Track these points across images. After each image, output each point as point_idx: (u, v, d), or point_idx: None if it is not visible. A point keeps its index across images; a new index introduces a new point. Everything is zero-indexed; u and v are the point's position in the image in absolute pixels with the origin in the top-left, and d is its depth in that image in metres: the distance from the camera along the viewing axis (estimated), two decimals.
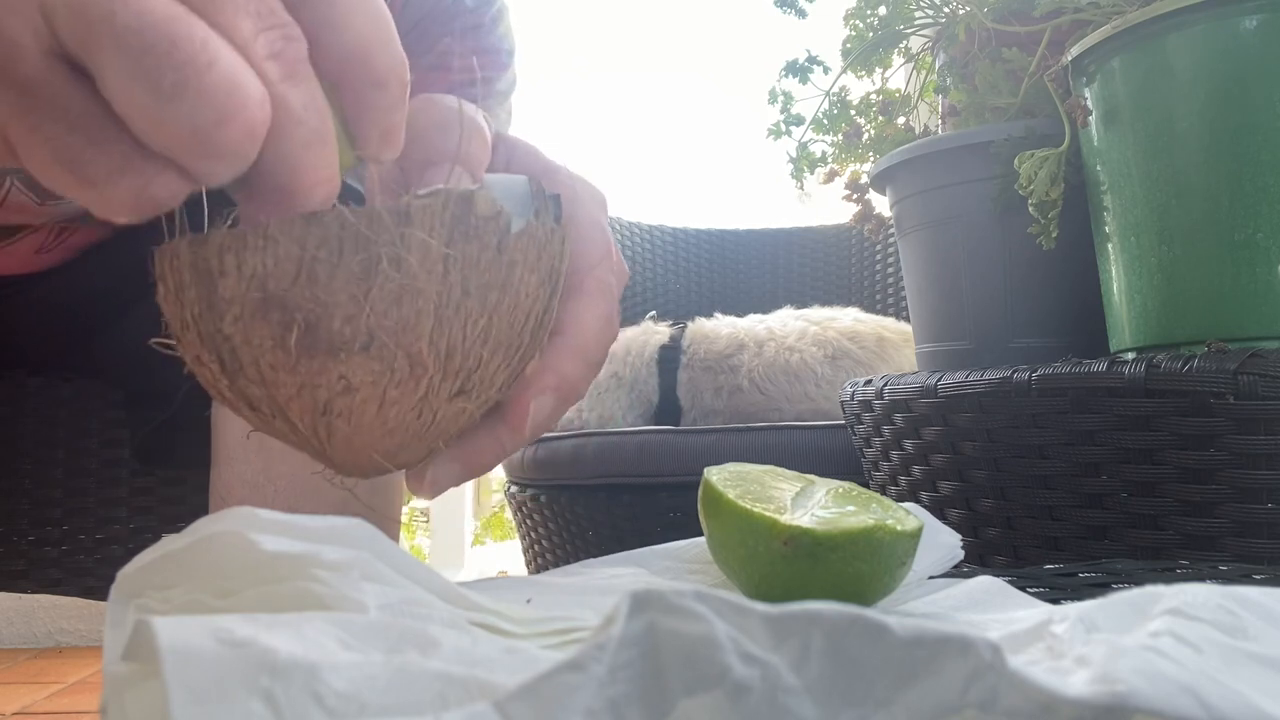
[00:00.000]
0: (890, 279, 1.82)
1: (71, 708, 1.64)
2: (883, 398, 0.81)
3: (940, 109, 0.93)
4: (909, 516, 0.34)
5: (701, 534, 0.37)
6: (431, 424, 0.29)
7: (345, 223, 0.25)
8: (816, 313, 1.50)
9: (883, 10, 0.87)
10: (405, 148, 0.30)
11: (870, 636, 0.19)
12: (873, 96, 0.93)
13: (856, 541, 0.31)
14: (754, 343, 1.43)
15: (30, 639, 2.09)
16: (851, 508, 0.34)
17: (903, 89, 0.95)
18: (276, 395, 0.27)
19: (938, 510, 0.77)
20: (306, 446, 0.29)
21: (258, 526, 0.23)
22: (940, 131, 0.92)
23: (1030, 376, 0.67)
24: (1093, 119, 0.71)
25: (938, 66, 0.89)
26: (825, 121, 0.93)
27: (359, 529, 0.24)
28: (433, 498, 0.33)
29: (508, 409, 0.32)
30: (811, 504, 0.35)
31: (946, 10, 0.85)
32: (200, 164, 0.23)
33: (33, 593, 0.76)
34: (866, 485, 0.85)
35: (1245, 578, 0.40)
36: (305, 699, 0.18)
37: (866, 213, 0.95)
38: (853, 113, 0.93)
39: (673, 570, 0.39)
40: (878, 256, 1.86)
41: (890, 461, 0.83)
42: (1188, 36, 0.63)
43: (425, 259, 0.26)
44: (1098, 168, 0.72)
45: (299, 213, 0.25)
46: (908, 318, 1.03)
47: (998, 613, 0.32)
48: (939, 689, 0.19)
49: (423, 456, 0.31)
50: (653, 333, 1.51)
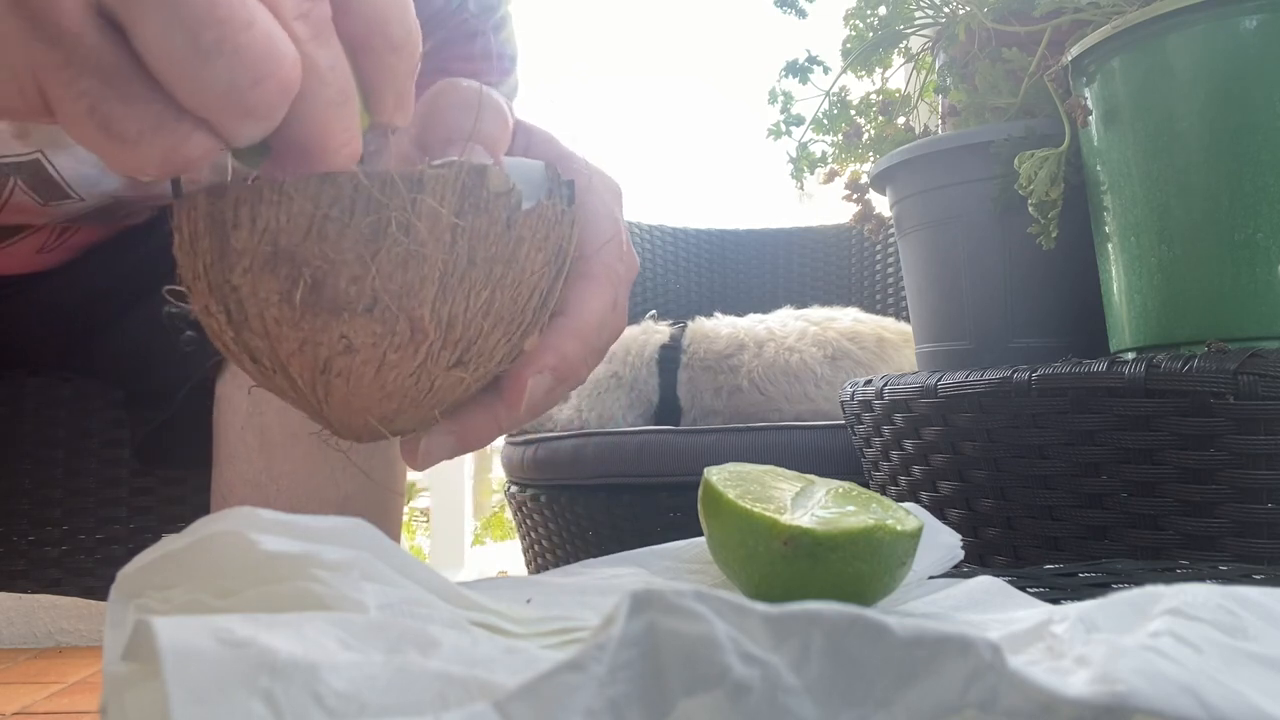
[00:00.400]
0: (890, 279, 1.82)
1: (71, 708, 1.64)
2: (883, 398, 0.81)
3: (940, 109, 0.93)
4: (909, 516, 0.34)
5: (701, 534, 0.37)
6: (429, 391, 0.30)
7: (359, 184, 0.26)
8: (816, 313, 1.50)
9: (883, 10, 0.87)
10: (427, 126, 0.30)
11: (870, 636, 0.19)
12: (873, 96, 0.93)
13: (856, 541, 0.31)
14: (754, 343, 1.43)
15: (30, 639, 2.09)
16: (851, 508, 0.34)
17: (903, 89, 0.95)
18: (279, 349, 0.28)
19: (938, 510, 0.77)
20: (305, 404, 0.30)
21: (258, 526, 0.23)
22: (940, 131, 0.92)
23: (1030, 376, 0.67)
24: (1093, 119, 0.71)
25: (938, 66, 0.89)
26: (825, 122, 0.93)
27: (359, 529, 0.24)
28: (424, 469, 0.34)
29: (505, 385, 0.33)
30: (811, 504, 0.35)
31: (946, 10, 0.85)
32: (233, 123, 0.23)
33: (33, 593, 0.76)
34: (866, 485, 0.85)
35: (1245, 578, 0.40)
36: (305, 699, 0.18)
37: (866, 213, 0.95)
38: (853, 113, 0.93)
39: (673, 570, 0.39)
40: (878, 256, 1.85)
41: (890, 461, 0.83)
42: (1188, 36, 0.63)
43: (434, 227, 0.27)
44: (1098, 168, 0.72)
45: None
46: (908, 318, 1.03)
47: (998, 613, 0.32)
48: (939, 689, 0.19)
49: (418, 425, 0.32)
50: (653, 332, 1.51)
